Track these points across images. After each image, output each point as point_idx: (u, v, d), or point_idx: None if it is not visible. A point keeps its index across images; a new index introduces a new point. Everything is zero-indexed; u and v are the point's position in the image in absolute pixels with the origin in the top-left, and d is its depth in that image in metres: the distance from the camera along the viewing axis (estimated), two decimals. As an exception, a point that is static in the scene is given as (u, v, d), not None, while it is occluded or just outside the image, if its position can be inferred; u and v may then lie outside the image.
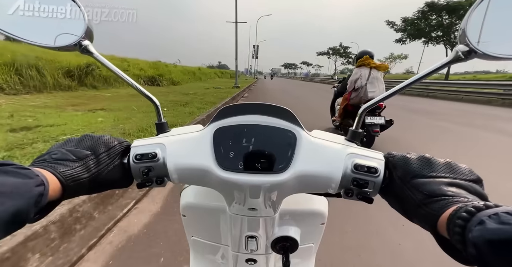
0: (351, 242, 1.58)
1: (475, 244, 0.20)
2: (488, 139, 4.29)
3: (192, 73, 20.95)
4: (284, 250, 0.45)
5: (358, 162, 0.34)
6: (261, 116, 0.37)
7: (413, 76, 0.36)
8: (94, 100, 6.28)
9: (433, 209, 0.27)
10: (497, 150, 3.67)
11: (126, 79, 0.42)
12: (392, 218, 1.76)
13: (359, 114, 0.39)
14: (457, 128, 5.11)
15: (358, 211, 1.92)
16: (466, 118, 6.39)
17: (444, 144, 3.97)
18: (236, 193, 0.37)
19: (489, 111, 7.90)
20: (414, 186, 0.29)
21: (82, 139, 0.35)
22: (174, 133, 0.41)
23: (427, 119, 6.20)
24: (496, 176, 2.55)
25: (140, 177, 0.36)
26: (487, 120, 6.12)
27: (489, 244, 0.19)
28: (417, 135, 4.59)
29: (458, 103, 10.19)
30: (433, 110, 7.83)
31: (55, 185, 0.28)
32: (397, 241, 1.60)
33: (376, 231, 1.71)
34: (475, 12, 0.30)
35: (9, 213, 0.21)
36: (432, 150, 3.59)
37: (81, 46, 0.38)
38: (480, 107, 8.96)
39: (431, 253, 1.44)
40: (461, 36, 0.31)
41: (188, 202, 0.50)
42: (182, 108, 5.55)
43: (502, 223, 0.19)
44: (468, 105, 9.40)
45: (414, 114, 6.96)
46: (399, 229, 1.70)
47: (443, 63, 0.33)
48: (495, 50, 0.29)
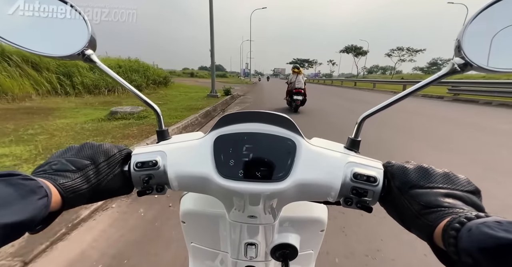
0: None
1: (467, 253, 0.20)
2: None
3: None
4: (284, 257, 0.45)
5: (357, 171, 0.34)
6: (261, 124, 0.37)
7: (407, 88, 0.37)
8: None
9: (429, 220, 0.27)
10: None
11: (127, 86, 0.42)
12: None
13: (358, 122, 0.39)
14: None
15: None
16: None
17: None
18: (236, 201, 0.37)
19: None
20: (411, 196, 0.30)
21: (82, 148, 0.35)
22: (175, 140, 0.41)
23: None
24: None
25: (141, 185, 0.36)
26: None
27: (480, 251, 0.19)
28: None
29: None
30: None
31: (56, 196, 0.28)
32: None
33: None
34: (470, 25, 0.31)
35: (12, 224, 0.22)
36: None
37: (84, 55, 0.38)
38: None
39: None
40: (457, 48, 0.32)
41: (188, 209, 0.50)
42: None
43: (490, 230, 0.20)
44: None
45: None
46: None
47: (439, 75, 0.34)
48: (490, 63, 0.30)
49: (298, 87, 6.75)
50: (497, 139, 4.26)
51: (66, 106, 6.35)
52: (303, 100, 6.87)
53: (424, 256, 1.45)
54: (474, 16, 0.31)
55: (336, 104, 9.40)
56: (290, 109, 7.24)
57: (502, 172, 2.73)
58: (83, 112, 5.65)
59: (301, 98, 6.74)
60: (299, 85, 6.77)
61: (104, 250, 1.49)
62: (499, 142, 4.02)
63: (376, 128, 4.70)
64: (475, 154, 3.39)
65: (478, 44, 0.30)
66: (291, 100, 7.07)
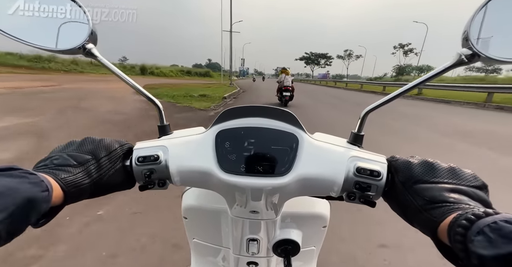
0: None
1: (477, 256, 0.20)
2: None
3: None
4: (286, 253, 0.45)
5: (360, 165, 0.34)
6: (263, 118, 0.37)
7: (414, 80, 0.35)
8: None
9: (433, 215, 0.26)
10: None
11: (128, 81, 0.42)
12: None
13: (361, 116, 0.39)
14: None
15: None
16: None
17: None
18: (238, 196, 0.37)
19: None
20: (415, 191, 0.29)
21: (83, 143, 0.35)
22: (176, 135, 0.41)
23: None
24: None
25: (142, 180, 0.36)
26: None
27: (493, 259, 0.19)
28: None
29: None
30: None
31: (57, 191, 0.28)
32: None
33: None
34: (478, 15, 0.30)
35: (13, 217, 0.21)
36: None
37: (85, 50, 0.38)
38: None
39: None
40: (464, 39, 0.31)
41: (190, 204, 0.50)
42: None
43: (501, 235, 0.19)
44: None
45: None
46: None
47: (446, 67, 0.33)
48: (498, 53, 0.29)
49: (287, 85, 8.68)
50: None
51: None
52: (291, 96, 8.85)
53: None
54: (481, 6, 0.30)
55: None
56: (280, 104, 8.94)
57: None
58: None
59: (289, 94, 8.73)
60: (287, 83, 8.71)
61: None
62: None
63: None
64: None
65: (485, 35, 0.30)
66: (281, 96, 8.90)
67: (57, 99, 7.16)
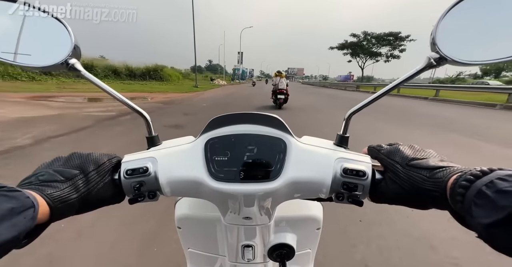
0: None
1: (478, 222, 0.22)
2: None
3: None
4: (281, 257, 0.45)
5: (346, 166, 0.35)
6: (250, 125, 0.38)
7: (388, 84, 0.36)
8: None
9: (438, 178, 0.29)
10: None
11: (114, 94, 0.42)
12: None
13: (345, 118, 0.40)
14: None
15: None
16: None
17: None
18: (230, 203, 0.37)
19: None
20: (414, 165, 0.32)
21: (69, 158, 0.34)
22: (165, 146, 0.41)
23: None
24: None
25: (132, 193, 0.36)
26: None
27: (493, 224, 0.21)
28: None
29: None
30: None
31: (43, 207, 0.27)
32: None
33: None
34: (443, 20, 0.32)
35: None
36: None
37: (68, 65, 0.38)
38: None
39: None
40: (432, 44, 0.33)
41: (183, 214, 0.50)
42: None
43: (499, 193, 0.21)
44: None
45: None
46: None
47: (417, 70, 0.35)
48: (464, 56, 0.31)
49: (281, 87, 8.36)
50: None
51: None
52: (286, 99, 8.55)
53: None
54: (445, 12, 0.32)
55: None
56: (275, 106, 8.77)
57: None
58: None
59: (284, 97, 8.43)
60: (281, 86, 8.39)
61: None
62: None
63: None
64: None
65: (451, 39, 0.32)
66: (275, 99, 8.59)
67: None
